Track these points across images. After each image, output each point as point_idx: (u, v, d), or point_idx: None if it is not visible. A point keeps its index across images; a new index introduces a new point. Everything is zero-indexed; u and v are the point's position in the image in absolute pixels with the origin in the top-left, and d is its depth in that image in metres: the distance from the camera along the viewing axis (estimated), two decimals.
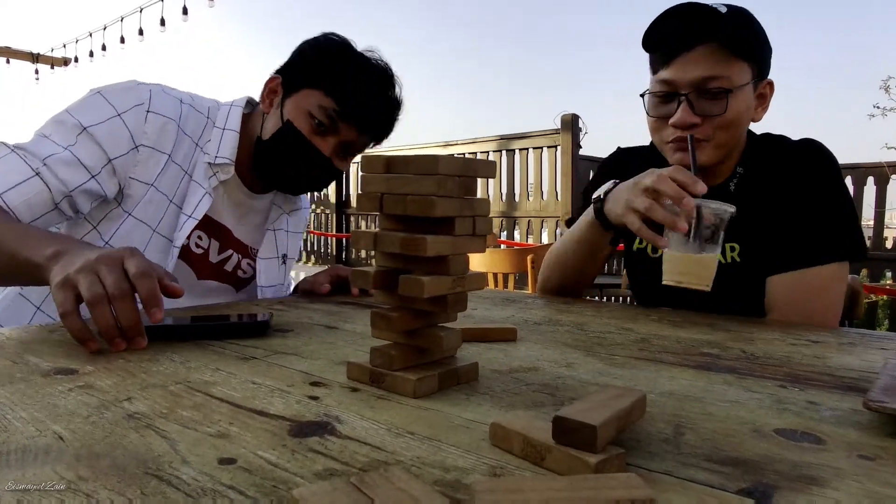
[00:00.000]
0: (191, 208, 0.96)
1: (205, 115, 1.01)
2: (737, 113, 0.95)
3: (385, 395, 0.46)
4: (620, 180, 1.17)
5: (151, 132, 0.92)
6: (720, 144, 0.97)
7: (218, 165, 0.98)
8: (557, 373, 0.53)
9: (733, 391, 0.49)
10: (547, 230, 5.46)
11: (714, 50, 0.94)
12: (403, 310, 0.48)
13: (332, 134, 0.97)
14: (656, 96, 1.00)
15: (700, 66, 0.94)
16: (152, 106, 0.93)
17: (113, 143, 0.89)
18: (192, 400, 0.44)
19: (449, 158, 0.45)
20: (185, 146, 0.97)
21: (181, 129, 0.96)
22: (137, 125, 0.91)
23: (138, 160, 0.92)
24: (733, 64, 0.94)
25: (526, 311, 0.89)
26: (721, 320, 0.84)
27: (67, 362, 0.54)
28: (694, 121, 0.95)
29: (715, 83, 0.94)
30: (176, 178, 0.96)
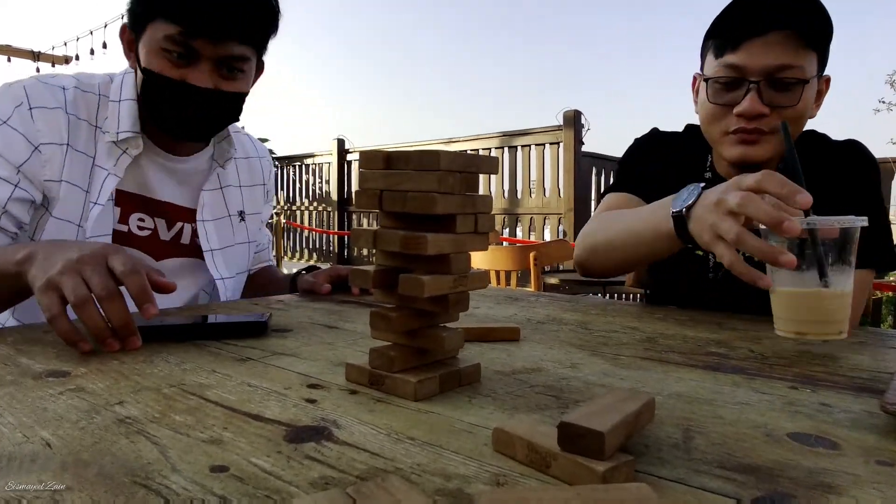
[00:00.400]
0: (95, 194, 0.91)
1: (95, 93, 0.94)
2: (805, 106, 0.90)
3: (384, 397, 0.45)
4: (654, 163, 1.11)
5: (44, 128, 0.87)
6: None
7: (124, 141, 0.92)
8: (562, 374, 0.52)
9: (743, 393, 0.47)
10: (549, 227, 5.45)
11: (789, 37, 0.88)
12: (404, 310, 0.47)
13: (195, 60, 0.87)
14: (720, 82, 0.92)
15: (774, 53, 0.88)
16: (32, 101, 0.88)
17: (11, 151, 0.86)
18: (186, 403, 0.43)
19: (450, 154, 0.44)
20: (83, 131, 0.91)
21: (72, 115, 0.90)
22: (27, 126, 0.87)
23: (44, 160, 0.87)
24: (806, 54, 0.89)
25: (529, 309, 0.87)
26: (728, 319, 0.82)
27: (60, 364, 0.53)
28: (763, 110, 0.89)
29: (789, 73, 0.88)
30: (84, 167, 0.91)
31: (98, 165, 0.91)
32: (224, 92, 0.90)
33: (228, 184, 1.06)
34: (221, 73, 0.89)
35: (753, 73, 0.89)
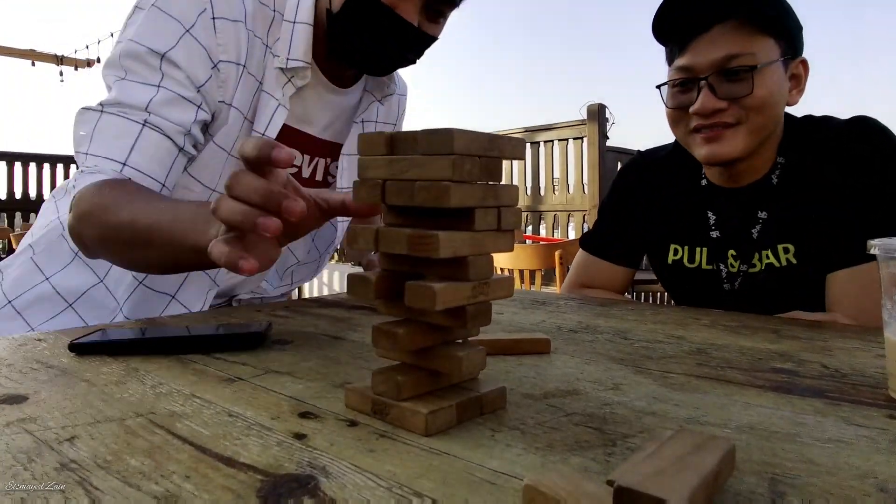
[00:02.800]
0: (263, 125, 0.84)
1: (271, 7, 0.84)
2: (767, 92, 0.84)
3: (389, 430, 0.37)
4: (644, 192, 1.08)
5: (224, 42, 0.79)
6: (754, 129, 0.86)
7: (292, 70, 0.84)
8: (603, 398, 0.44)
9: (832, 425, 0.38)
10: (574, 224, 5.33)
11: (734, 27, 0.84)
12: (412, 324, 0.39)
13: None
14: (674, 85, 0.90)
15: (719, 46, 0.84)
16: (216, 9, 0.78)
17: (193, 68, 0.78)
18: (149, 440, 0.35)
19: (467, 133, 0.36)
20: (257, 51, 0.83)
21: (250, 31, 0.81)
22: (208, 39, 0.78)
23: (221, 80, 0.80)
24: (757, 40, 0.84)
25: (558, 314, 0.79)
26: (786, 325, 0.73)
27: (18, 386, 0.46)
28: (718, 105, 0.85)
29: (737, 61, 0.83)
30: (250, 91, 0.83)
31: (266, 91, 0.84)
32: (424, 32, 0.82)
33: (371, 119, 0.99)
34: (427, 14, 0.82)
35: (701, 69, 0.86)
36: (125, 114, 0.76)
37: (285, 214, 0.43)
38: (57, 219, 0.92)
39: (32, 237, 0.94)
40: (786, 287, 0.91)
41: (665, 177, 1.05)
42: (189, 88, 0.78)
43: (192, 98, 0.78)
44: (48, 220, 0.94)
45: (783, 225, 0.91)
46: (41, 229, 0.94)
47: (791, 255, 0.90)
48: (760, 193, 0.93)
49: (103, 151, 0.75)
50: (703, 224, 0.98)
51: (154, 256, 0.65)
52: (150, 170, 0.76)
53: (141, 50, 0.77)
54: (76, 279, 0.88)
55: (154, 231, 0.61)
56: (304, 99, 0.88)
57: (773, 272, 0.91)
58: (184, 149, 0.79)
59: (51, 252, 0.91)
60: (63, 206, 0.93)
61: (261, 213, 0.43)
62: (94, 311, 0.90)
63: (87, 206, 0.70)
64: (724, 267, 0.96)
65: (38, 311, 0.89)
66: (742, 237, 0.94)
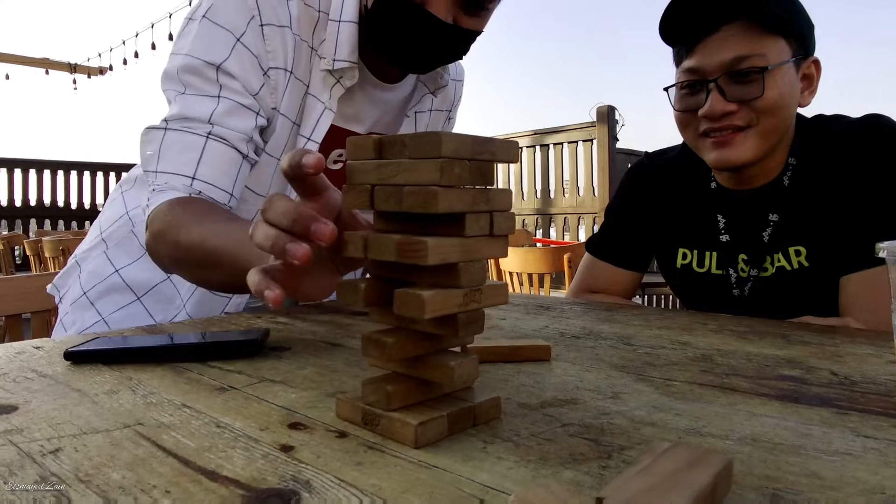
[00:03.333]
0: (309, 129, 0.83)
1: (316, 7, 0.83)
2: (778, 94, 0.82)
3: (379, 442, 0.36)
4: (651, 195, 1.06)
5: (273, 49, 0.79)
6: (766, 132, 0.84)
7: (340, 70, 0.82)
8: (602, 407, 0.42)
9: (839, 436, 0.37)
10: (584, 227, 5.30)
11: (743, 27, 0.82)
12: (403, 332, 0.38)
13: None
14: (681, 87, 0.88)
15: (728, 47, 0.82)
16: (264, 16, 0.78)
17: (247, 77, 0.78)
18: (134, 453, 0.34)
19: (456, 136, 0.35)
20: (304, 55, 0.82)
21: (296, 35, 0.81)
22: (258, 46, 0.78)
23: (272, 87, 0.80)
24: (767, 40, 0.82)
25: (562, 320, 0.78)
26: (795, 330, 0.71)
27: (10, 396, 0.45)
28: (728, 108, 0.83)
29: (747, 63, 0.81)
30: (297, 96, 0.83)
31: (312, 95, 0.83)
32: (460, 28, 0.79)
33: (425, 109, 0.97)
34: (464, 7, 0.78)
35: (710, 71, 0.83)
36: (189, 128, 0.77)
37: (313, 238, 0.39)
38: (126, 213, 0.95)
39: (102, 230, 0.97)
40: (798, 291, 0.89)
41: (673, 179, 1.03)
42: (246, 96, 0.79)
43: (251, 105, 0.79)
44: (117, 213, 0.97)
45: (795, 227, 0.89)
46: (110, 223, 0.97)
47: (803, 257, 0.88)
48: (772, 195, 0.91)
49: (172, 168, 0.76)
50: (712, 228, 0.96)
51: (221, 277, 0.65)
52: (218, 181, 0.77)
53: (197, 63, 0.78)
54: (145, 273, 0.91)
55: (221, 254, 0.61)
56: (353, 98, 0.88)
57: (785, 276, 0.90)
58: (248, 156, 0.80)
59: (122, 246, 0.95)
60: (130, 199, 0.96)
61: (290, 239, 0.40)
62: (161, 305, 0.93)
63: (159, 226, 0.72)
64: (734, 272, 0.94)
65: (109, 302, 0.93)
66: (753, 241, 0.92)
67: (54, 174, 7.76)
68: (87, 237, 1.02)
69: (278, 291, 0.40)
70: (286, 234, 0.40)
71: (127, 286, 0.93)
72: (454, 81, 1.04)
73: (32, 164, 7.61)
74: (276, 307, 0.41)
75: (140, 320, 0.93)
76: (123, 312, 0.93)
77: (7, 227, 7.44)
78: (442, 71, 0.94)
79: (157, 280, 0.92)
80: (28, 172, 7.59)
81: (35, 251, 3.70)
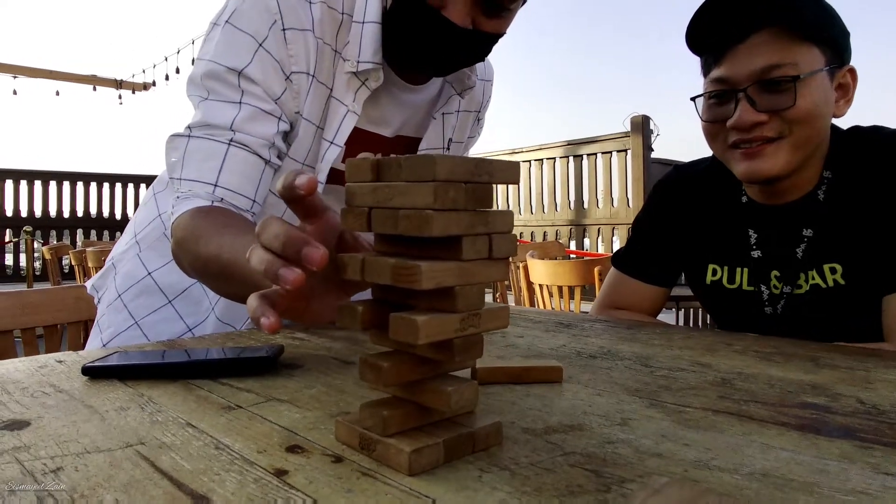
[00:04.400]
0: (332, 132, 0.84)
1: (339, 10, 0.82)
2: (811, 104, 0.79)
3: (374, 468, 0.35)
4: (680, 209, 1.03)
5: (295, 53, 0.79)
6: (799, 144, 0.81)
7: (364, 72, 0.82)
8: (608, 434, 0.41)
9: (858, 473, 0.35)
10: (618, 238, 5.23)
11: (774, 35, 0.79)
12: (400, 356, 0.37)
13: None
14: (709, 97, 0.86)
15: (758, 55, 0.79)
16: (286, 20, 0.78)
17: (269, 82, 0.79)
18: (131, 474, 0.35)
19: (451, 159, 0.34)
20: (326, 58, 0.82)
21: (319, 39, 0.81)
22: (280, 51, 0.79)
23: (294, 92, 0.81)
24: (799, 48, 0.79)
25: (581, 338, 0.76)
26: (825, 352, 0.68)
27: (25, 411, 0.46)
28: (758, 118, 0.80)
29: (778, 71, 0.78)
30: (321, 99, 0.83)
31: (335, 98, 0.84)
32: (480, 32, 0.77)
33: (452, 110, 0.97)
34: (484, 9, 0.76)
35: (740, 81, 0.81)
36: (211, 135, 0.78)
37: (304, 263, 0.38)
38: (159, 216, 0.98)
39: (136, 232, 1.00)
40: (833, 310, 0.86)
41: (703, 193, 1.00)
42: (268, 101, 0.80)
43: (273, 111, 0.80)
44: (150, 215, 1.00)
45: (830, 243, 0.85)
46: (144, 225, 1.00)
47: (839, 275, 0.85)
48: (806, 210, 0.88)
49: (194, 175, 0.78)
50: (743, 243, 0.93)
51: (235, 290, 0.66)
52: (240, 187, 0.78)
53: (220, 69, 0.79)
54: (176, 275, 0.92)
55: (233, 267, 0.61)
56: (379, 100, 0.87)
57: (819, 294, 0.86)
58: (270, 161, 0.81)
59: (155, 249, 0.97)
60: (163, 201, 0.99)
61: (283, 264, 0.39)
62: (191, 308, 0.95)
63: (181, 234, 0.73)
64: (767, 288, 0.91)
65: (141, 305, 0.96)
66: (786, 257, 0.89)
67: (100, 186, 8.05)
68: (122, 238, 1.05)
69: (273, 319, 0.39)
70: (279, 258, 0.39)
71: (159, 289, 0.96)
72: (482, 82, 1.03)
73: (80, 176, 7.92)
74: (272, 334, 0.40)
75: (171, 324, 0.95)
76: (155, 316, 0.95)
77: (56, 237, 7.73)
78: (469, 72, 0.92)
79: (188, 283, 0.94)
80: (76, 185, 7.89)
81: (80, 261, 3.83)
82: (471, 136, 1.07)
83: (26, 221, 7.12)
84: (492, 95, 1.08)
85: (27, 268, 5.49)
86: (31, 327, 1.17)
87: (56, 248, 4.88)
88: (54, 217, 7.74)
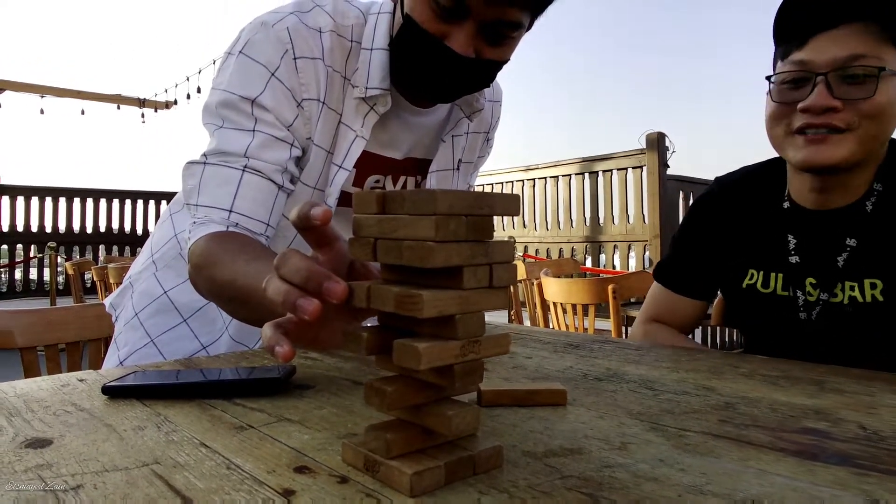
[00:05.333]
0: (341, 157, 0.86)
1: (349, 38, 0.85)
2: (887, 100, 0.78)
3: (377, 489, 0.37)
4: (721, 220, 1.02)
5: (306, 81, 0.82)
6: (865, 138, 0.80)
7: (373, 98, 0.85)
8: (606, 459, 0.42)
9: (850, 500, 0.35)
10: (634, 254, 5.20)
11: (863, 29, 0.79)
12: (404, 381, 0.39)
13: (461, 18, 0.74)
14: (785, 80, 0.84)
15: (844, 44, 0.79)
16: (297, 49, 0.81)
17: (281, 109, 0.82)
18: (146, 492, 0.36)
19: (453, 193, 0.36)
20: (336, 85, 0.85)
21: (329, 67, 0.84)
22: (291, 79, 0.82)
23: (306, 118, 0.84)
24: (886, 47, 0.79)
25: (589, 359, 0.77)
26: (832, 375, 0.68)
27: (47, 429, 0.48)
28: (833, 104, 0.79)
29: (863, 61, 0.78)
30: (331, 125, 0.86)
31: (345, 124, 0.87)
32: (483, 60, 0.78)
33: (461, 132, 0.99)
34: (487, 38, 0.77)
35: (821, 66, 0.80)
36: (226, 162, 0.81)
37: (325, 296, 0.40)
38: (174, 236, 1.02)
39: (153, 252, 1.04)
40: (870, 326, 0.84)
41: (744, 199, 0.99)
42: (281, 129, 0.83)
43: (285, 137, 0.83)
44: (166, 235, 1.03)
45: (873, 257, 0.85)
46: (160, 245, 1.03)
47: (878, 291, 0.84)
48: (851, 219, 0.86)
49: (210, 201, 0.81)
50: (782, 248, 0.92)
51: (250, 315, 0.69)
52: (254, 212, 0.81)
53: (234, 98, 0.82)
54: (192, 294, 0.94)
55: (249, 294, 0.64)
56: (388, 124, 0.90)
57: (857, 308, 0.85)
58: (283, 186, 0.84)
59: (171, 268, 1.01)
60: (178, 222, 1.02)
61: (301, 294, 0.41)
62: (205, 328, 0.99)
63: (197, 260, 0.76)
64: (802, 294, 0.90)
65: (157, 324, 0.99)
66: (825, 264, 0.88)
67: (122, 203, 8.21)
68: (139, 257, 1.08)
69: (287, 348, 0.41)
70: (298, 289, 0.41)
71: (174, 307, 0.99)
72: (491, 103, 1.05)
73: (102, 193, 8.09)
74: (286, 362, 0.42)
75: (186, 342, 0.98)
76: (171, 334, 0.98)
77: (79, 252, 7.88)
78: (478, 95, 0.94)
79: (203, 302, 0.97)
80: (98, 201, 8.06)
81: (101, 277, 3.90)
82: (480, 155, 1.10)
83: (50, 237, 7.28)
84: (500, 115, 1.10)
85: (51, 283, 5.61)
86: (53, 344, 1.21)
87: (79, 264, 4.97)
88: (77, 233, 7.90)
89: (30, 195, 7.69)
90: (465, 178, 1.07)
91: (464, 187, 1.09)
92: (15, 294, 7.39)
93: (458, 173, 1.03)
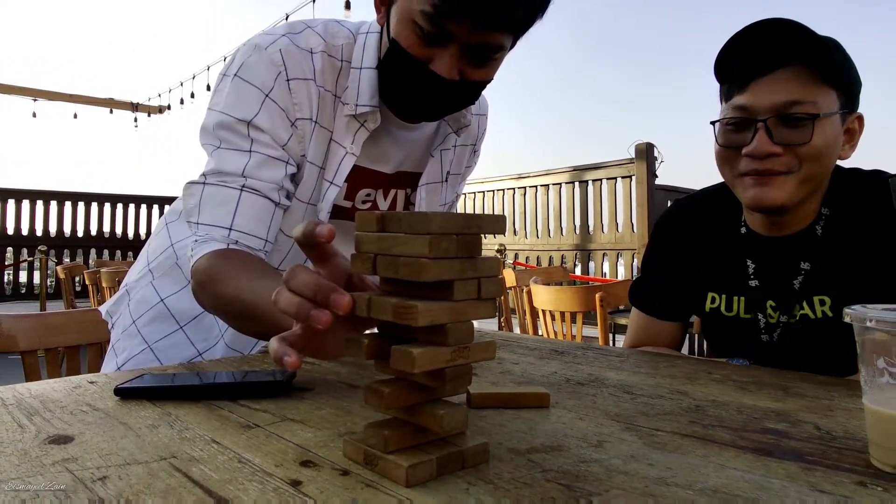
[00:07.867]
0: (332, 173, 0.90)
1: (339, 58, 0.89)
2: (823, 143, 0.84)
3: (376, 480, 0.41)
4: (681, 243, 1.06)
5: (299, 101, 0.86)
6: (805, 179, 0.86)
7: (363, 115, 0.88)
8: (583, 455, 0.46)
9: (796, 490, 0.40)
10: (623, 263, 5.27)
11: (799, 72, 0.84)
12: (400, 383, 0.43)
13: (445, 42, 0.77)
14: (727, 124, 0.90)
15: (782, 90, 0.84)
16: (290, 71, 0.85)
17: (276, 129, 0.86)
18: (167, 483, 0.40)
19: (445, 215, 0.41)
20: (328, 104, 0.89)
21: (320, 87, 0.87)
22: (285, 100, 0.85)
23: (299, 137, 0.88)
24: (820, 89, 0.84)
25: (572, 365, 0.81)
26: (799, 382, 0.73)
27: (67, 427, 0.52)
28: (773, 150, 0.84)
29: (799, 108, 0.83)
30: (323, 142, 0.89)
31: (336, 141, 0.90)
32: (467, 82, 0.82)
33: (449, 146, 1.03)
34: (470, 60, 0.80)
35: (761, 111, 0.85)
36: (224, 182, 0.85)
37: (331, 308, 0.44)
38: (171, 246, 1.05)
39: (150, 261, 1.07)
40: (821, 340, 0.90)
41: (702, 223, 1.04)
42: (276, 148, 0.87)
43: (280, 156, 0.87)
44: (163, 245, 1.07)
45: (824, 277, 0.90)
46: (157, 254, 1.07)
47: (827, 307, 0.89)
48: (803, 244, 0.92)
49: (210, 219, 0.85)
50: (741, 272, 0.97)
51: (256, 329, 0.73)
52: (253, 229, 0.85)
53: (230, 120, 0.86)
54: (189, 303, 0.97)
55: (255, 309, 0.68)
56: (378, 140, 0.94)
57: (809, 324, 0.91)
58: (279, 203, 0.88)
59: (168, 276, 1.05)
60: (175, 231, 1.06)
61: (313, 306, 0.45)
62: (201, 335, 1.02)
63: (200, 277, 0.80)
64: (763, 317, 0.95)
65: (154, 330, 1.02)
66: (783, 287, 0.93)
67: (114, 206, 8.19)
68: (136, 265, 1.12)
69: (294, 358, 0.46)
70: (309, 301, 0.45)
71: (171, 315, 1.02)
72: (477, 116, 1.09)
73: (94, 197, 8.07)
74: (293, 370, 0.47)
75: (182, 348, 1.01)
76: (168, 341, 1.02)
77: (69, 256, 7.86)
78: (465, 111, 0.98)
79: (199, 310, 1.01)
80: (90, 205, 8.04)
81: (93, 281, 3.91)
82: (468, 166, 1.14)
83: (41, 241, 7.25)
84: (487, 127, 1.15)
85: (41, 286, 5.60)
86: (53, 348, 1.24)
87: (70, 268, 4.98)
88: (68, 236, 7.88)
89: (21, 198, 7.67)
90: (452, 188, 1.11)
91: (451, 197, 1.14)
92: (5, 297, 7.35)
93: (447, 185, 1.07)
